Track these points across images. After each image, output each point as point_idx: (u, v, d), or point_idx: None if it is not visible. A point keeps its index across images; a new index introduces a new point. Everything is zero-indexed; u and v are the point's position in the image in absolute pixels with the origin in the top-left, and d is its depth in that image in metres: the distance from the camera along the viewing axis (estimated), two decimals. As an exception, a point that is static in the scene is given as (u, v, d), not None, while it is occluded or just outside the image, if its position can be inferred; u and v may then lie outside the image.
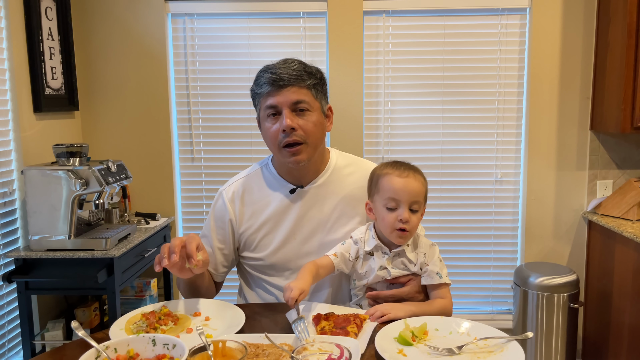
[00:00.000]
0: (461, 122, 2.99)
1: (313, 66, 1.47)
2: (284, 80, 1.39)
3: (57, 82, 2.71)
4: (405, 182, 1.37)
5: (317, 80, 1.44)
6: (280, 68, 1.41)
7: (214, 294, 1.61)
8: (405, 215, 1.35)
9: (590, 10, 2.85)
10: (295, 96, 1.40)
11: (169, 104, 2.98)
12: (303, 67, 1.42)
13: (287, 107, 1.40)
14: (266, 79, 1.41)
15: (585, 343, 2.99)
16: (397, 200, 1.36)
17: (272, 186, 1.53)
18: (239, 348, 1.01)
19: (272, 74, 1.40)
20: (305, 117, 1.42)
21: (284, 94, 1.40)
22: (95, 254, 2.24)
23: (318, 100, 1.45)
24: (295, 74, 1.40)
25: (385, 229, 1.39)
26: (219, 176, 3.04)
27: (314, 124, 1.43)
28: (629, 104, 2.58)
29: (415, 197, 1.36)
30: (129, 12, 2.92)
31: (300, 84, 1.40)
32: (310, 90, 1.43)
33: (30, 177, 2.25)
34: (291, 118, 1.39)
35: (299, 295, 1.21)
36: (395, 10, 2.91)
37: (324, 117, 1.49)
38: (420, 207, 1.39)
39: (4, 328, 2.35)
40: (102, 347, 1.01)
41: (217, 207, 1.56)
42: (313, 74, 1.44)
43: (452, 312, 1.41)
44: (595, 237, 2.89)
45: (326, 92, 1.51)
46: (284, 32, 2.96)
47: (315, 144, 1.45)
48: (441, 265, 1.41)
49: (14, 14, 2.41)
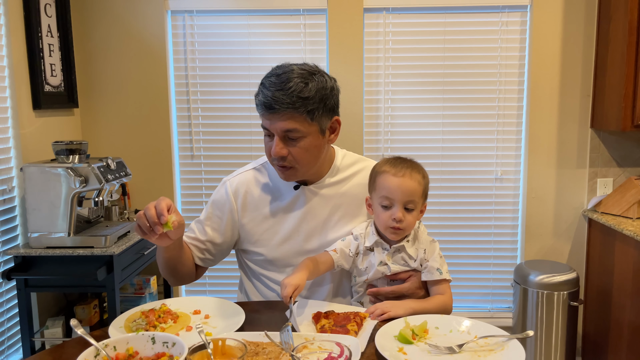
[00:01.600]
0: (461, 119, 2.98)
1: (317, 82, 1.36)
2: (275, 109, 1.32)
3: (57, 79, 2.71)
4: (400, 182, 1.36)
5: (314, 105, 1.34)
6: (275, 91, 1.32)
7: (193, 278, 1.58)
8: (398, 215, 1.35)
9: (591, 8, 2.84)
10: (284, 125, 1.34)
11: (168, 101, 2.98)
12: (299, 92, 1.32)
13: (277, 134, 1.36)
14: (259, 100, 1.36)
15: (585, 341, 2.99)
16: (391, 199, 1.36)
17: (277, 182, 1.52)
18: (238, 346, 1.00)
19: (263, 97, 1.34)
20: (297, 143, 1.37)
21: (276, 121, 1.34)
22: (94, 252, 2.24)
23: (315, 122, 1.37)
24: (288, 101, 1.31)
25: (380, 225, 1.41)
26: (219, 173, 3.04)
27: (306, 150, 1.38)
28: (629, 101, 2.57)
29: (409, 196, 1.36)
30: (128, 9, 2.91)
31: (291, 112, 1.33)
32: (305, 115, 1.34)
33: (30, 175, 2.24)
34: (281, 146, 1.36)
35: (293, 292, 1.21)
36: (396, 7, 2.90)
37: (322, 136, 1.41)
38: (416, 206, 1.38)
39: (4, 325, 2.35)
40: (101, 345, 1.01)
41: (218, 195, 1.55)
42: (310, 98, 1.33)
43: (452, 308, 1.41)
44: (596, 235, 2.89)
45: (332, 106, 1.41)
46: (284, 30, 2.95)
47: (306, 167, 1.42)
48: (441, 261, 1.41)
49: (14, 10, 2.40)
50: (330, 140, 1.46)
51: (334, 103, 1.41)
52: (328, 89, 1.38)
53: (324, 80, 1.38)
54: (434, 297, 1.39)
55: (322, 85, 1.36)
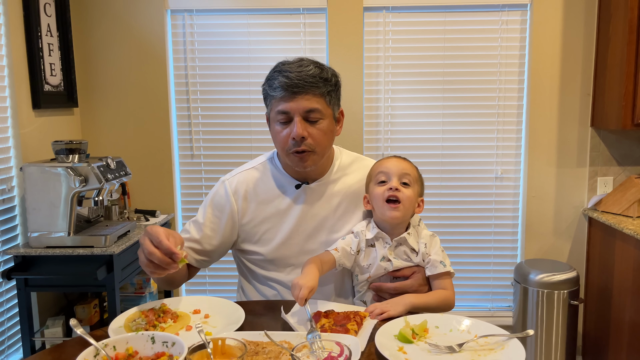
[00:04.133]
0: (461, 118, 2.98)
1: (330, 69, 1.42)
2: (298, 87, 1.34)
3: (56, 79, 2.70)
4: (394, 161, 1.44)
5: (332, 86, 1.40)
6: (295, 72, 1.35)
7: (186, 280, 1.55)
8: (394, 184, 1.38)
9: (591, 6, 2.84)
10: (308, 104, 1.36)
11: (168, 101, 2.97)
12: (319, 73, 1.37)
13: (299, 114, 1.36)
14: (280, 83, 1.35)
15: (585, 340, 2.99)
16: (387, 173, 1.41)
17: (278, 181, 1.52)
18: (238, 346, 1.00)
19: (286, 79, 1.34)
20: (316, 125, 1.39)
21: (297, 101, 1.35)
22: (94, 251, 2.24)
23: (331, 107, 1.41)
24: (311, 81, 1.35)
25: (377, 203, 1.41)
26: (219, 173, 3.03)
27: (325, 133, 1.40)
28: (629, 100, 2.57)
29: (403, 170, 1.41)
30: (128, 8, 2.91)
31: (314, 92, 1.36)
32: (325, 97, 1.38)
33: (30, 174, 2.24)
34: (303, 127, 1.36)
35: (309, 294, 1.20)
36: (396, 6, 2.90)
37: (335, 122, 1.46)
38: (412, 183, 1.41)
39: (4, 325, 2.35)
40: (101, 345, 1.01)
41: (217, 196, 1.53)
42: (329, 80, 1.39)
43: (454, 302, 1.41)
44: (596, 234, 2.88)
45: (340, 96, 1.46)
46: (283, 29, 2.95)
47: (324, 151, 1.44)
48: (443, 254, 1.42)
49: (13, 10, 2.40)
50: (337, 132, 1.50)
51: (340, 94, 1.48)
52: (338, 77, 1.45)
53: (332, 70, 1.44)
54: (435, 291, 1.39)
55: (334, 73, 1.44)
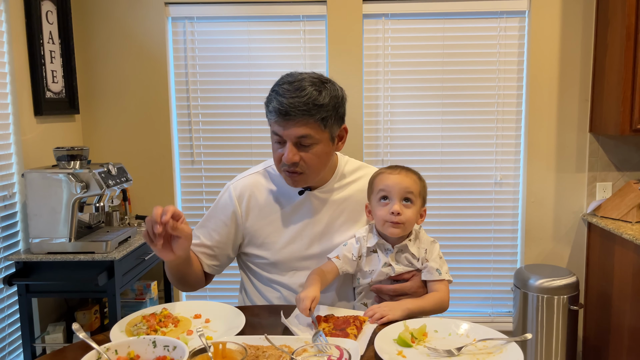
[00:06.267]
0: (461, 124, 2.99)
1: (330, 90, 1.39)
2: (289, 115, 1.34)
3: (58, 86, 2.72)
4: (396, 177, 1.40)
5: (328, 112, 1.37)
6: (288, 98, 1.34)
7: (203, 284, 1.60)
8: (395, 207, 1.37)
9: (588, 13, 2.86)
10: (300, 131, 1.36)
11: (169, 107, 2.99)
12: (315, 98, 1.35)
13: (290, 140, 1.37)
14: (273, 107, 1.36)
15: (585, 345, 2.98)
16: (388, 192, 1.39)
17: (282, 186, 1.53)
18: (239, 350, 1.01)
19: (279, 104, 1.34)
20: (309, 150, 1.39)
21: (289, 127, 1.36)
22: (95, 257, 2.25)
23: (327, 130, 1.40)
24: (303, 109, 1.33)
25: (378, 222, 1.41)
26: (219, 179, 3.05)
27: (318, 156, 1.41)
28: (627, 105, 2.58)
29: (406, 189, 1.39)
30: (129, 15, 2.93)
31: (307, 119, 1.35)
32: (319, 122, 1.37)
33: (31, 180, 2.25)
34: (294, 152, 1.37)
35: (312, 304, 1.23)
36: (395, 13, 2.92)
37: (333, 143, 1.45)
38: (414, 202, 1.40)
39: (5, 331, 2.36)
40: (102, 349, 1.01)
41: (222, 200, 1.56)
42: (324, 106, 1.36)
43: (448, 304, 1.43)
44: (595, 239, 2.89)
45: (342, 115, 1.45)
46: (283, 36, 2.96)
47: (317, 173, 1.45)
48: (441, 262, 1.43)
49: (15, 17, 2.42)
50: (338, 148, 1.50)
51: (343, 112, 1.46)
52: (339, 97, 1.42)
53: (335, 89, 1.42)
54: (430, 294, 1.41)
55: (335, 94, 1.40)
